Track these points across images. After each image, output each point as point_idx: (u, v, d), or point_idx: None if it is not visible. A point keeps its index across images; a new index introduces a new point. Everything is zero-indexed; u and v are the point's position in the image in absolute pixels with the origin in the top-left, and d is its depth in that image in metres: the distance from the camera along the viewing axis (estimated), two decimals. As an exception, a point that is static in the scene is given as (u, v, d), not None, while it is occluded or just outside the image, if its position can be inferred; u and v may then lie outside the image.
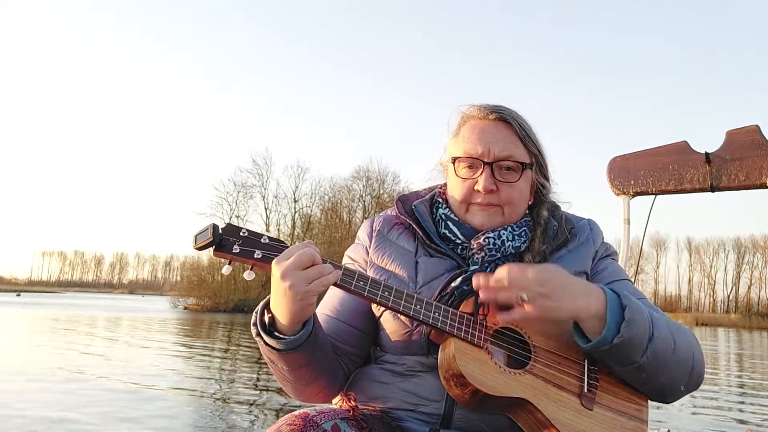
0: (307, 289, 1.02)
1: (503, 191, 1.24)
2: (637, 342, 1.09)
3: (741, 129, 2.20)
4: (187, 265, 55.58)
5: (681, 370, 1.16)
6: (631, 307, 1.10)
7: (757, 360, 17.99)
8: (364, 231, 1.36)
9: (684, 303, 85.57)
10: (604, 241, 1.35)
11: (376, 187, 49.51)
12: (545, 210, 1.31)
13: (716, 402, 8.42)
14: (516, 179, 1.24)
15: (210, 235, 1.04)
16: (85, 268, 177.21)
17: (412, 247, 1.29)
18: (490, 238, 1.23)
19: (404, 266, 1.26)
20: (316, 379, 1.19)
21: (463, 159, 1.26)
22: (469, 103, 1.32)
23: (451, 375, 1.08)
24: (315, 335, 1.13)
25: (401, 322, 1.20)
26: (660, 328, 1.13)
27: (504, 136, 1.25)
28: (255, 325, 1.12)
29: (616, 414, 1.15)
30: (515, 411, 1.11)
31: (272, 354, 1.12)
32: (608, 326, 1.08)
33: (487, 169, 1.23)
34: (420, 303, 1.10)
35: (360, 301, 1.26)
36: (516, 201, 1.26)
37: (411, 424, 1.16)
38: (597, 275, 1.30)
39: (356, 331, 1.27)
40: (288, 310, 1.05)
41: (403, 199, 1.36)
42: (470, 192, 1.25)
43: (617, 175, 2.37)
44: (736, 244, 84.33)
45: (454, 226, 1.27)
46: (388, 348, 1.24)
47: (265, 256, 1.06)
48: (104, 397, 6.68)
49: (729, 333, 43.86)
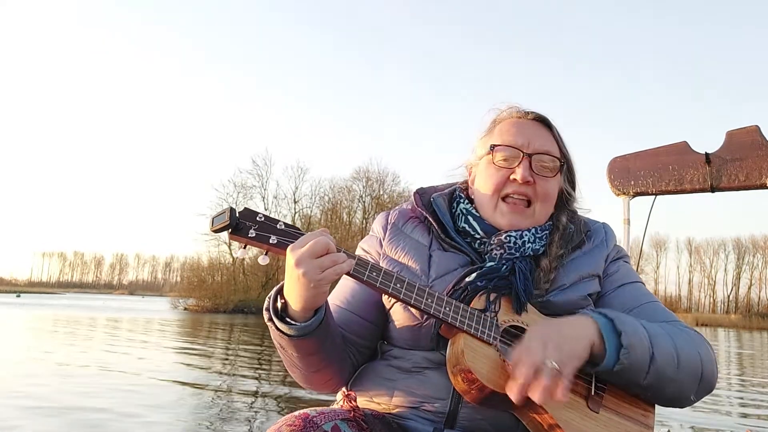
0: (320, 277, 1.03)
1: (539, 185, 1.25)
2: (637, 365, 1.09)
3: (741, 129, 2.20)
4: (187, 266, 55.52)
5: (687, 381, 1.15)
6: (626, 333, 1.09)
7: (758, 360, 17.98)
8: (379, 223, 1.36)
9: (684, 303, 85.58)
10: (617, 244, 1.35)
11: (376, 188, 49.53)
12: (564, 216, 1.31)
13: (716, 402, 8.41)
14: (553, 174, 1.26)
15: (227, 218, 1.05)
16: (85, 269, 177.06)
17: (427, 240, 1.29)
18: (512, 236, 1.23)
19: (417, 259, 1.26)
20: (325, 367, 1.20)
21: (502, 147, 1.27)
22: (505, 103, 1.34)
23: (459, 370, 1.08)
24: (326, 323, 1.13)
25: (411, 314, 1.21)
26: (660, 346, 1.12)
27: (543, 134, 1.29)
28: (267, 310, 1.13)
29: (622, 418, 1.14)
30: (521, 410, 1.11)
31: (283, 340, 1.12)
32: (608, 355, 1.08)
33: (526, 160, 1.24)
34: (431, 297, 1.11)
35: (371, 293, 1.27)
36: (549, 198, 1.27)
37: (414, 423, 1.16)
38: (609, 277, 1.30)
39: (366, 322, 1.27)
40: (300, 296, 1.06)
41: (421, 192, 1.36)
42: (504, 181, 1.25)
43: (617, 175, 2.37)
44: (737, 244, 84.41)
45: (474, 221, 1.27)
46: (396, 341, 1.24)
47: (280, 242, 1.07)
48: (104, 397, 6.67)
49: (729, 333, 43.86)
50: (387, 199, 47.55)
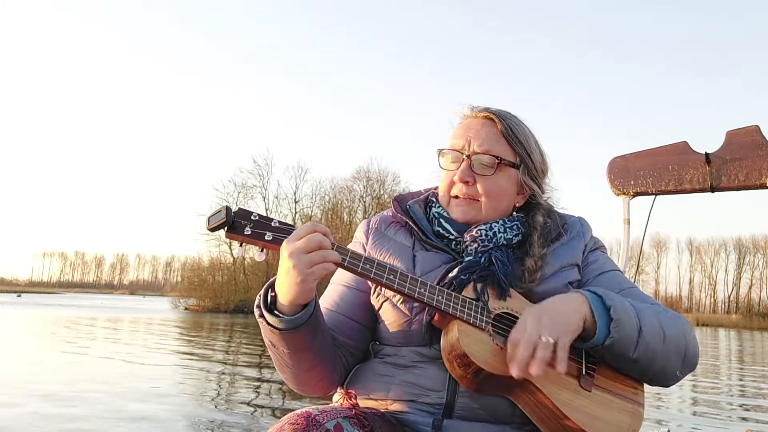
0: (309, 271, 1.05)
1: (479, 184, 1.28)
2: (627, 339, 1.15)
3: (741, 129, 2.20)
4: (187, 266, 55.69)
5: (674, 357, 1.21)
6: (615, 307, 1.15)
7: (758, 360, 17.98)
8: (361, 230, 1.40)
9: (685, 303, 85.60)
10: (593, 235, 1.40)
11: (376, 188, 49.58)
12: (540, 215, 1.33)
13: (716, 402, 8.42)
14: (491, 173, 1.28)
15: (223, 216, 1.08)
16: (86, 269, 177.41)
17: (409, 242, 1.33)
18: (482, 230, 1.28)
19: (402, 259, 1.29)
20: (316, 366, 1.22)
21: (446, 151, 1.33)
22: (467, 104, 1.37)
23: (455, 356, 1.11)
24: (316, 318, 1.15)
25: (400, 312, 1.24)
26: (647, 320, 1.18)
27: (487, 132, 1.30)
28: (258, 307, 1.16)
29: (613, 396, 1.19)
30: (516, 392, 1.14)
31: (274, 335, 1.14)
32: (599, 329, 1.14)
33: (465, 162, 1.28)
34: (424, 286, 1.15)
35: (359, 295, 1.31)
36: (493, 195, 1.29)
37: (413, 416, 1.18)
38: (588, 266, 1.34)
39: (356, 324, 1.30)
40: (289, 289, 1.08)
41: (399, 199, 1.41)
42: (451, 184, 1.31)
43: (617, 175, 2.38)
44: (737, 244, 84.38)
45: (446, 223, 1.31)
46: (387, 340, 1.27)
47: (275, 238, 1.10)
48: (103, 397, 6.69)
49: (730, 333, 43.86)
50: (387, 199, 47.47)
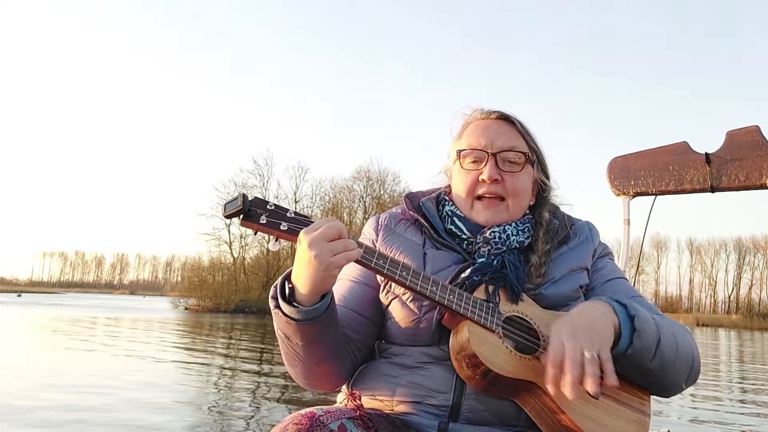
0: (330, 260, 1.05)
1: (507, 181, 1.29)
2: (646, 349, 1.14)
3: (741, 129, 2.20)
4: (187, 266, 55.60)
5: (683, 368, 1.21)
6: (639, 317, 1.14)
7: (758, 360, 17.97)
8: (371, 226, 1.39)
9: (685, 303, 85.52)
10: (602, 241, 1.40)
11: (376, 188, 49.55)
12: (546, 211, 1.35)
13: (716, 402, 8.42)
14: (519, 169, 1.29)
15: (240, 203, 1.07)
16: (86, 269, 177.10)
17: (420, 240, 1.32)
18: (495, 232, 1.27)
19: (413, 257, 1.29)
20: (327, 359, 1.21)
21: (468, 152, 1.32)
22: (471, 107, 1.38)
23: (464, 356, 1.11)
24: (332, 310, 1.15)
25: (409, 310, 1.23)
26: (664, 331, 1.17)
27: (506, 131, 1.32)
28: (274, 298, 1.15)
29: (621, 405, 1.18)
30: (523, 395, 1.14)
31: (289, 327, 1.13)
32: (623, 337, 1.12)
33: (492, 159, 1.28)
34: (436, 284, 1.14)
35: (367, 291, 1.31)
36: (520, 192, 1.30)
37: (419, 418, 1.17)
38: (596, 272, 1.34)
39: (364, 319, 1.30)
40: (309, 279, 1.08)
41: (411, 196, 1.41)
42: (475, 183, 1.30)
43: (617, 175, 2.38)
44: (737, 244, 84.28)
45: (460, 222, 1.31)
46: (395, 338, 1.26)
47: (290, 229, 1.10)
48: (103, 397, 6.69)
49: (730, 333, 43.82)
50: (387, 199, 47.56)
